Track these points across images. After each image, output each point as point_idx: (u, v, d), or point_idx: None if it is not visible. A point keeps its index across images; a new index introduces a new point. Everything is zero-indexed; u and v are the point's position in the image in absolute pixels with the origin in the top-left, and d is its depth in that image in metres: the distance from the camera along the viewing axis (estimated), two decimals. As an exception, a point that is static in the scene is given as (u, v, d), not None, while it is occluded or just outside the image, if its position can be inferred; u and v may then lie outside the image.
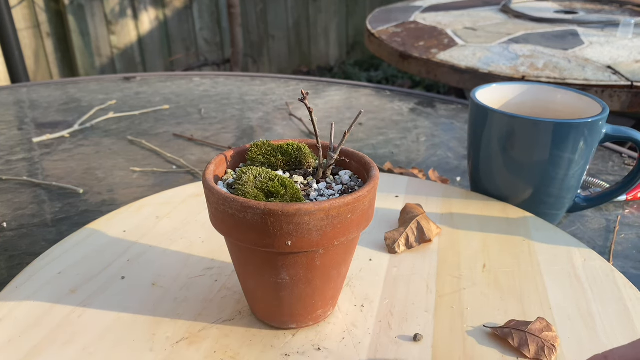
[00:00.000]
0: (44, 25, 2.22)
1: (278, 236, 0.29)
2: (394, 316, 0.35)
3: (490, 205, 0.48)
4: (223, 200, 0.29)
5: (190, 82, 0.99)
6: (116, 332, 0.34)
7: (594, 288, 0.38)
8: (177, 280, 0.39)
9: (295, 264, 0.31)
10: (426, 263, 0.41)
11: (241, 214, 0.28)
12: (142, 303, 0.36)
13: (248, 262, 0.32)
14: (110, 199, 0.57)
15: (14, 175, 0.62)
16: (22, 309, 0.35)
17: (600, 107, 0.46)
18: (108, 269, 0.40)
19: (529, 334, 0.32)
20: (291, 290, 0.32)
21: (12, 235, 0.50)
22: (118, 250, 0.42)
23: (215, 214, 0.30)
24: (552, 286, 0.38)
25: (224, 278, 0.39)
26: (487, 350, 0.33)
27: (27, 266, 0.40)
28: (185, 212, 0.47)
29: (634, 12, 1.45)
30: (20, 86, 0.97)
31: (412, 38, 1.25)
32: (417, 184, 0.53)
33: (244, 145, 0.35)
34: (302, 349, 0.33)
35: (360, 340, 0.33)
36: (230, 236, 0.30)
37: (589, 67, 1.00)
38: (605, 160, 0.65)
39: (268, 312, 0.34)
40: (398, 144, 0.71)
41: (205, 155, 0.67)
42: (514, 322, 0.34)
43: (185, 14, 2.58)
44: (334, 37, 3.15)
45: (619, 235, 0.49)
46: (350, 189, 0.32)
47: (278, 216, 0.28)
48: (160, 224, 0.46)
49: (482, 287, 0.38)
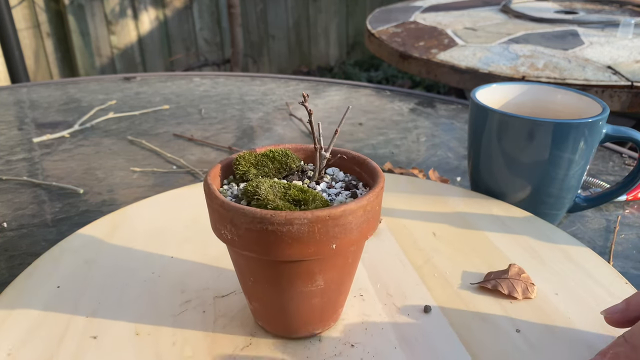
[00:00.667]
0: (44, 25, 2.22)
1: (323, 242, 0.28)
2: (394, 296, 0.37)
3: (490, 205, 0.48)
4: (260, 218, 0.27)
5: (190, 82, 0.99)
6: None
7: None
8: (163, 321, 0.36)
9: (333, 266, 0.30)
10: (386, 244, 0.43)
11: (285, 228, 0.27)
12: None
13: (280, 277, 0.30)
14: (111, 199, 0.57)
15: (14, 175, 0.62)
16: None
17: (600, 107, 0.46)
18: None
19: (512, 280, 0.38)
20: (322, 295, 0.31)
21: (12, 235, 0.50)
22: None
23: (245, 236, 0.28)
24: (498, 238, 0.44)
25: (209, 306, 0.36)
26: (485, 302, 0.37)
27: (28, 267, 0.40)
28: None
29: (634, 12, 1.45)
30: (20, 86, 0.97)
31: (412, 38, 1.25)
32: (417, 184, 0.53)
33: (228, 158, 0.34)
34: (337, 350, 0.32)
35: (381, 326, 0.34)
36: (268, 254, 0.28)
37: (589, 67, 1.00)
38: (605, 160, 0.65)
39: (292, 324, 0.32)
40: (398, 144, 0.71)
41: (205, 155, 0.67)
42: (493, 274, 0.39)
43: (185, 14, 2.58)
44: (334, 37, 3.15)
45: (619, 235, 0.50)
46: (350, 184, 0.33)
47: (325, 221, 0.27)
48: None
49: (445, 253, 0.42)
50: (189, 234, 0.44)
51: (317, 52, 3.13)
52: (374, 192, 0.29)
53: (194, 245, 0.43)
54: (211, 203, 0.29)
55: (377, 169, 0.32)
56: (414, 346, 0.33)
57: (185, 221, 0.46)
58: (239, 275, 0.33)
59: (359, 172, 0.34)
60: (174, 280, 0.39)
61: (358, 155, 0.34)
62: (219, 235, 0.30)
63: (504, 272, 0.39)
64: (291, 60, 3.06)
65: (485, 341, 0.33)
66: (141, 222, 0.46)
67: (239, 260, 0.31)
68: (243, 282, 0.33)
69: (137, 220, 0.46)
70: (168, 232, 0.45)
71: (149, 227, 0.45)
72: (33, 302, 0.36)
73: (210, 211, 0.30)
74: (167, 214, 0.47)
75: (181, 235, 0.44)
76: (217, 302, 0.36)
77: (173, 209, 0.48)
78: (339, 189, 0.32)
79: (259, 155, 0.33)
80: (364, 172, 0.34)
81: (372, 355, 0.32)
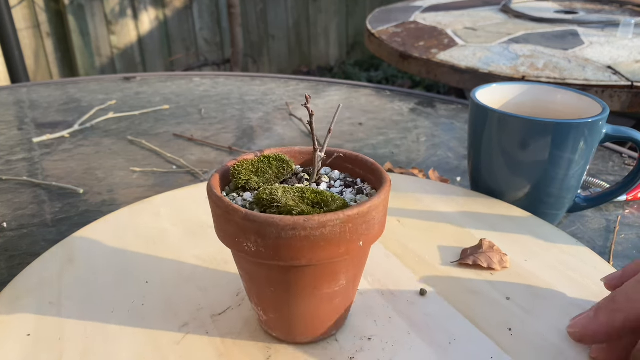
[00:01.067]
0: (44, 25, 2.22)
1: (353, 240, 0.28)
2: (389, 286, 0.38)
3: (490, 205, 0.48)
4: (292, 225, 0.26)
5: (190, 82, 0.99)
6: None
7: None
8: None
9: (355, 264, 0.30)
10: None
11: (318, 232, 0.27)
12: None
13: (306, 282, 0.29)
14: (110, 199, 0.56)
15: (14, 175, 0.62)
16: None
17: (600, 107, 0.46)
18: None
19: (487, 253, 0.40)
20: (343, 294, 0.31)
21: (12, 236, 0.50)
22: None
23: (274, 245, 0.27)
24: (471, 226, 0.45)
25: (210, 327, 0.34)
26: (470, 276, 0.39)
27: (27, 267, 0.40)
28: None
29: (634, 12, 1.45)
30: (20, 86, 0.97)
31: (412, 38, 1.25)
32: (417, 184, 0.53)
33: (222, 169, 0.32)
34: (357, 346, 0.33)
35: (388, 314, 0.35)
36: (300, 260, 0.28)
37: (589, 67, 1.00)
38: (605, 160, 0.65)
39: (314, 328, 0.32)
40: (398, 144, 0.71)
41: (205, 155, 0.67)
42: (469, 250, 0.41)
43: (185, 14, 2.58)
44: (334, 37, 3.15)
45: (619, 235, 0.49)
46: (348, 182, 0.33)
47: (356, 220, 0.27)
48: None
49: (418, 238, 0.44)
50: (154, 252, 0.42)
51: (317, 52, 3.13)
52: (387, 186, 0.30)
53: (165, 264, 0.40)
54: (230, 217, 0.28)
55: (374, 164, 0.33)
56: (424, 329, 0.34)
57: (144, 239, 0.44)
58: (254, 288, 0.31)
59: (352, 168, 0.34)
60: (161, 306, 0.36)
61: (350, 152, 0.34)
62: (239, 249, 0.28)
63: (478, 247, 0.41)
64: (291, 60, 3.06)
65: (484, 313, 0.36)
66: (99, 247, 0.42)
67: (258, 272, 0.30)
68: (259, 294, 0.31)
69: (93, 247, 0.42)
70: (131, 253, 0.42)
71: (109, 250, 0.42)
72: (4, 356, 0.33)
73: (225, 225, 0.28)
74: (124, 233, 0.44)
75: (146, 255, 0.41)
76: (216, 320, 0.35)
77: (129, 228, 0.45)
78: (339, 188, 0.32)
79: (256, 162, 0.32)
80: (357, 168, 0.34)
81: (391, 344, 0.33)
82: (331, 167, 0.35)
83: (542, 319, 0.35)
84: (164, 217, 0.47)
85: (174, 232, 0.45)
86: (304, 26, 3.02)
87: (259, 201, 0.29)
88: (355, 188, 0.32)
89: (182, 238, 0.44)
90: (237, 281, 0.38)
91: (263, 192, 0.29)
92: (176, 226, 0.45)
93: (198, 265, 0.40)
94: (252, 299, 0.33)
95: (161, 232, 0.45)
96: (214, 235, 0.44)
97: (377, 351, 0.32)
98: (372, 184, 0.33)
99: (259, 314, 0.33)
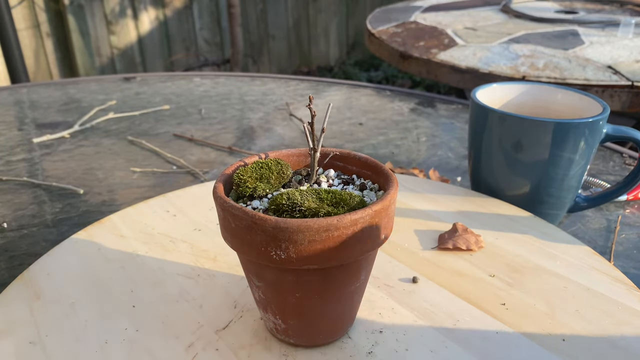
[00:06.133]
0: (43, 25, 2.22)
1: (378, 235, 0.28)
2: (381, 278, 0.39)
3: (490, 205, 0.48)
4: (326, 227, 0.26)
5: (190, 82, 0.98)
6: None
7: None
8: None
9: (373, 258, 0.31)
10: None
11: (350, 230, 0.27)
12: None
13: (332, 282, 0.29)
14: (110, 200, 0.56)
15: (14, 175, 0.62)
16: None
17: (600, 107, 0.46)
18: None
19: (464, 236, 0.43)
20: (361, 290, 0.32)
21: (12, 236, 0.50)
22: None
23: (307, 250, 0.27)
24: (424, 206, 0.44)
25: (218, 343, 0.33)
26: (452, 259, 0.41)
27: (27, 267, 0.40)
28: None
29: (634, 12, 1.45)
30: (20, 86, 0.97)
31: (412, 38, 1.25)
32: (417, 184, 0.53)
33: (222, 176, 0.32)
34: (372, 341, 0.33)
35: (391, 305, 0.36)
36: (331, 261, 0.27)
37: (590, 67, 1.00)
38: (605, 160, 0.65)
39: (334, 329, 0.32)
40: (398, 144, 0.71)
41: (205, 155, 0.67)
42: (446, 235, 0.43)
43: (185, 14, 2.58)
44: (334, 37, 3.15)
45: (620, 235, 0.49)
46: (347, 181, 0.33)
47: (381, 215, 0.28)
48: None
49: (394, 229, 0.44)
50: (130, 276, 0.39)
51: (317, 52, 3.13)
52: (394, 178, 0.30)
53: (147, 285, 0.38)
54: (257, 227, 0.27)
55: (367, 158, 0.33)
56: (429, 314, 0.35)
57: (115, 262, 0.40)
58: (276, 296, 0.30)
59: (343, 166, 0.34)
60: (157, 329, 0.34)
61: (341, 151, 0.34)
62: (266, 259, 0.27)
63: (454, 230, 0.43)
64: (291, 60, 3.06)
65: (475, 292, 0.38)
66: (70, 276, 0.39)
67: (283, 279, 0.29)
68: (282, 302, 0.30)
69: (62, 277, 0.38)
70: (106, 280, 0.39)
71: (81, 278, 0.39)
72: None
73: (251, 236, 0.27)
74: (92, 259, 0.41)
75: (122, 280, 0.38)
76: (222, 335, 0.33)
77: (95, 253, 0.41)
78: (339, 186, 0.32)
79: (257, 168, 0.32)
80: (350, 165, 0.34)
81: (402, 334, 0.34)
82: (323, 168, 0.35)
83: (528, 291, 0.37)
84: (128, 237, 0.43)
85: (145, 252, 0.42)
86: (304, 26, 3.02)
87: (278, 207, 0.28)
88: (356, 184, 0.32)
89: (157, 258, 0.41)
90: (230, 293, 0.37)
91: (280, 198, 0.28)
92: (146, 244, 0.43)
93: (183, 282, 0.38)
94: (268, 309, 0.31)
95: (130, 256, 0.41)
96: (186, 248, 0.42)
97: (391, 342, 0.33)
98: (370, 178, 0.33)
99: (276, 323, 0.32)
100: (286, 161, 0.34)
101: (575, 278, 0.39)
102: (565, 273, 0.39)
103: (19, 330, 0.33)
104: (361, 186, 0.32)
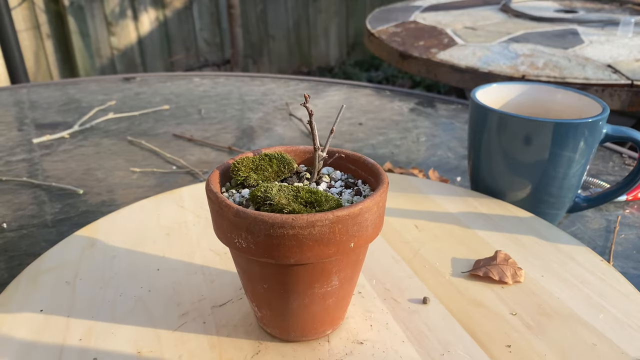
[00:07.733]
0: (44, 27, 2.22)
1: (343, 241, 0.28)
2: (391, 291, 0.38)
3: (490, 205, 0.48)
4: (280, 224, 0.26)
5: (190, 82, 0.98)
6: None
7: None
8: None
9: (348, 264, 0.30)
10: (374, 241, 0.43)
11: (306, 231, 0.27)
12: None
13: (298, 280, 0.29)
14: (110, 200, 0.56)
15: (13, 175, 0.62)
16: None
17: (600, 107, 0.46)
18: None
19: (501, 266, 0.39)
20: (336, 295, 0.31)
21: (12, 236, 0.50)
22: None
23: (264, 242, 0.27)
24: (482, 229, 0.45)
25: (208, 317, 0.35)
26: (478, 288, 0.38)
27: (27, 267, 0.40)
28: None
29: (634, 11, 1.44)
30: (20, 87, 0.97)
31: (412, 38, 1.25)
32: (417, 184, 0.53)
33: (223, 165, 0.33)
34: (347, 350, 0.33)
35: (385, 320, 0.35)
36: (289, 259, 0.28)
37: (589, 66, 1.00)
38: (605, 160, 0.65)
39: (306, 327, 0.32)
40: (398, 144, 0.71)
41: (205, 155, 0.67)
42: (482, 261, 0.40)
43: (185, 14, 2.58)
44: (334, 37, 3.15)
45: (619, 235, 0.49)
46: (348, 182, 0.33)
47: (346, 221, 0.27)
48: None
49: (431, 245, 0.43)
50: (171, 242, 0.43)
51: (317, 53, 3.13)
52: (383, 188, 0.29)
53: (179, 254, 0.42)
54: (223, 212, 0.28)
55: (375, 165, 0.32)
56: (421, 338, 0.34)
57: (165, 228, 0.45)
58: (248, 284, 0.32)
59: (355, 169, 0.34)
60: (166, 294, 0.37)
61: (353, 154, 0.34)
62: (231, 245, 0.29)
63: (492, 258, 0.40)
64: (291, 60, 3.06)
65: (485, 327, 0.35)
66: (122, 233, 0.44)
67: (251, 268, 0.30)
68: (253, 290, 0.32)
69: (116, 233, 0.44)
70: (150, 242, 0.43)
71: (130, 237, 0.44)
72: (16, 326, 0.34)
73: (219, 221, 0.29)
74: (148, 221, 0.46)
75: (163, 244, 0.43)
76: (215, 312, 0.35)
77: (153, 216, 0.47)
78: (339, 188, 0.32)
79: (257, 159, 0.32)
80: (360, 169, 0.34)
81: (382, 350, 0.32)
82: (334, 168, 0.35)
83: (545, 339, 0.33)
84: (187, 208, 0.48)
85: (194, 224, 0.45)
86: (304, 26, 3.02)
87: (254, 198, 0.29)
88: (355, 189, 0.32)
89: (201, 231, 0.44)
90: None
91: (258, 190, 0.29)
92: (199, 217, 0.46)
93: (210, 258, 0.41)
94: (248, 295, 0.33)
95: (180, 224, 0.45)
96: (197, 243, 0.44)
97: (366, 356, 0.32)
98: (371, 185, 0.33)
99: (254, 310, 0.33)
100: (299, 158, 0.35)
101: (613, 338, 0.33)
102: (604, 329, 0.34)
103: (63, 270, 0.39)
104: (356, 192, 0.31)
